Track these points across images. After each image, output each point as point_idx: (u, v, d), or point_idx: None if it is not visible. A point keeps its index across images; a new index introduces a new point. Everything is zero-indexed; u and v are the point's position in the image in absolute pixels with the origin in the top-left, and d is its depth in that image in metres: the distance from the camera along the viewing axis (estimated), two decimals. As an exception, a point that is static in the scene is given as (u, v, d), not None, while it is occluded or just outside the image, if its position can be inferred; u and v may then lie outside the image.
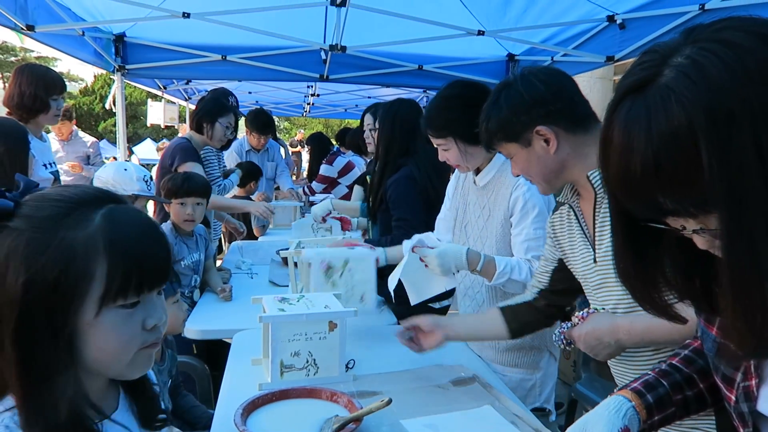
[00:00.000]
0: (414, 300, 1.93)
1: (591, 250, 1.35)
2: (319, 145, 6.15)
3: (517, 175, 1.43)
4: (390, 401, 1.32)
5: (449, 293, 2.44)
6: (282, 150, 6.13)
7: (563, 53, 3.98)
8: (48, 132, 4.25)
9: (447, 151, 1.89)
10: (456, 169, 2.11)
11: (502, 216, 1.85)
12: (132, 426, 0.87)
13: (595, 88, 6.35)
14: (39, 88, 2.61)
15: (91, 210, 0.76)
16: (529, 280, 1.69)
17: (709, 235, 0.64)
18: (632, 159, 0.62)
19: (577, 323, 1.30)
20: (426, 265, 1.80)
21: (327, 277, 1.84)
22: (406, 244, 1.89)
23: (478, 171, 1.95)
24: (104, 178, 2.45)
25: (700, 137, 0.58)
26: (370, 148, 3.34)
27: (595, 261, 1.33)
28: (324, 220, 3.18)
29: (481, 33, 3.66)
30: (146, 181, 2.50)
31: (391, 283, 1.87)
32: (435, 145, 1.95)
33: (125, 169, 2.44)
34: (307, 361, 1.60)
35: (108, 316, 0.76)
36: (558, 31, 3.92)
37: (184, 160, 3.12)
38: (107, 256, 0.74)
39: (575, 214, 1.39)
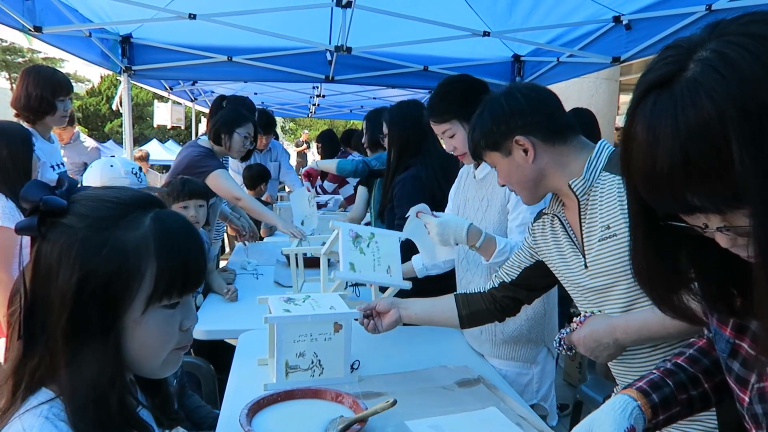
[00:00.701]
0: (425, 259, 2.08)
1: (581, 256, 1.36)
2: (329, 143, 6.10)
3: (502, 185, 1.47)
4: (395, 402, 1.32)
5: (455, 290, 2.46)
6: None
7: (569, 54, 3.96)
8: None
9: (452, 137, 1.94)
10: (459, 171, 2.13)
11: (499, 204, 1.89)
12: (150, 422, 0.89)
13: (601, 89, 6.33)
14: (45, 90, 2.62)
15: (141, 212, 0.79)
16: None
17: (733, 233, 0.64)
18: (658, 154, 0.62)
19: (576, 328, 1.32)
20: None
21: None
22: (412, 209, 1.92)
23: (478, 164, 2.00)
24: (92, 178, 2.37)
25: (731, 130, 0.57)
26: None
27: (586, 267, 1.35)
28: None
29: (486, 34, 3.65)
30: (135, 174, 2.46)
31: (430, 256, 2.03)
32: (440, 135, 1.99)
33: (111, 165, 2.39)
34: (312, 362, 1.61)
35: (152, 316, 0.78)
36: (564, 32, 3.91)
37: (212, 169, 2.94)
38: (156, 258, 0.77)
39: (562, 224, 1.42)
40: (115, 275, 0.75)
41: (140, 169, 2.58)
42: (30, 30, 3.20)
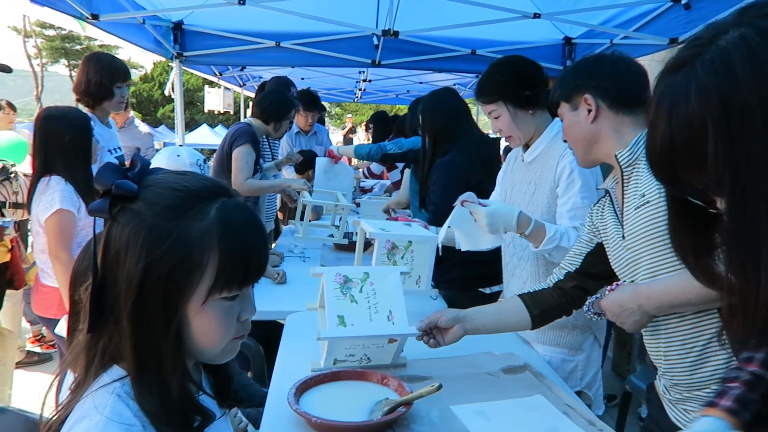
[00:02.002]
0: (465, 247, 1.95)
1: (620, 228, 1.38)
2: (381, 125, 6.08)
3: (565, 141, 1.52)
4: (440, 387, 1.33)
5: (499, 278, 2.44)
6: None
7: (623, 36, 3.83)
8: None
9: (498, 118, 1.93)
10: (507, 155, 2.10)
11: (548, 188, 1.86)
12: (211, 401, 0.92)
13: (656, 71, 6.04)
14: (104, 76, 2.71)
15: (207, 203, 0.79)
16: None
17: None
18: (655, 136, 0.67)
19: (606, 294, 1.36)
20: (475, 220, 1.81)
21: (344, 292, 1.62)
22: (459, 198, 1.87)
23: (527, 147, 1.97)
24: (158, 165, 2.51)
25: (710, 125, 0.60)
26: None
27: (623, 237, 1.36)
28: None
29: (537, 16, 3.56)
30: (199, 165, 2.56)
31: (440, 238, 1.92)
32: (486, 115, 1.97)
33: (178, 155, 2.51)
34: (361, 359, 1.62)
35: (212, 307, 0.80)
36: (618, 13, 3.78)
37: (241, 142, 3.22)
38: (219, 251, 0.78)
39: (611, 198, 1.44)
40: (178, 266, 0.76)
41: (205, 161, 2.67)
42: (87, 18, 3.31)
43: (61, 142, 2.24)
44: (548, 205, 1.86)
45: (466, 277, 2.53)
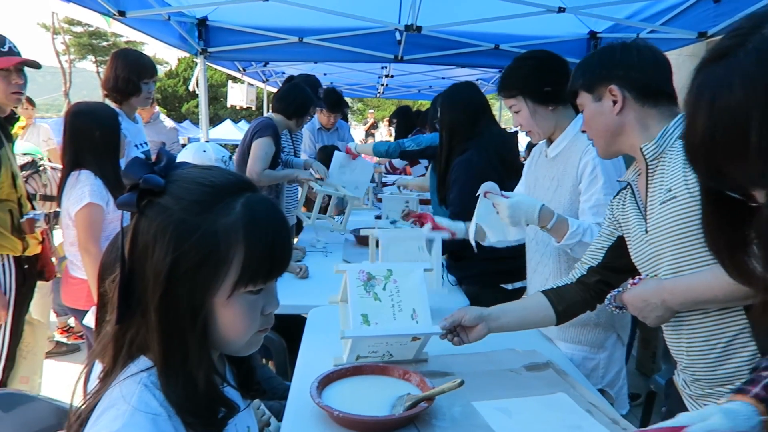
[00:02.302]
0: (493, 238, 1.97)
1: (642, 221, 1.36)
2: (405, 120, 6.05)
3: (583, 131, 1.50)
4: (462, 382, 1.33)
5: (521, 274, 2.43)
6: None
7: (650, 30, 3.76)
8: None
9: (518, 113, 1.93)
10: (532, 150, 2.09)
11: (570, 184, 1.84)
12: (235, 393, 0.93)
13: (684, 66, 5.93)
14: (132, 73, 2.75)
15: (233, 198, 0.80)
16: None
17: None
18: (696, 126, 0.65)
19: (629, 288, 1.34)
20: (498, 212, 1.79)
21: (367, 289, 1.58)
22: (481, 188, 1.86)
23: (550, 142, 1.95)
24: (185, 160, 2.56)
25: (753, 115, 0.59)
26: None
27: (646, 231, 1.35)
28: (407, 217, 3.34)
29: (561, 10, 3.52)
30: (224, 162, 2.60)
31: (470, 234, 1.97)
32: (507, 108, 1.97)
33: (204, 150, 2.54)
34: (383, 355, 1.62)
35: (237, 300, 0.81)
36: (645, 6, 3.71)
37: (262, 135, 3.28)
38: (245, 246, 0.79)
39: (632, 191, 1.42)
40: (205, 260, 0.77)
41: (230, 157, 2.71)
42: (114, 14, 3.36)
43: (90, 137, 2.28)
44: (571, 201, 1.84)
45: (487, 272, 2.52)
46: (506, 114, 4.94)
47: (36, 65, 2.36)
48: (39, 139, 4.78)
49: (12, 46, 2.30)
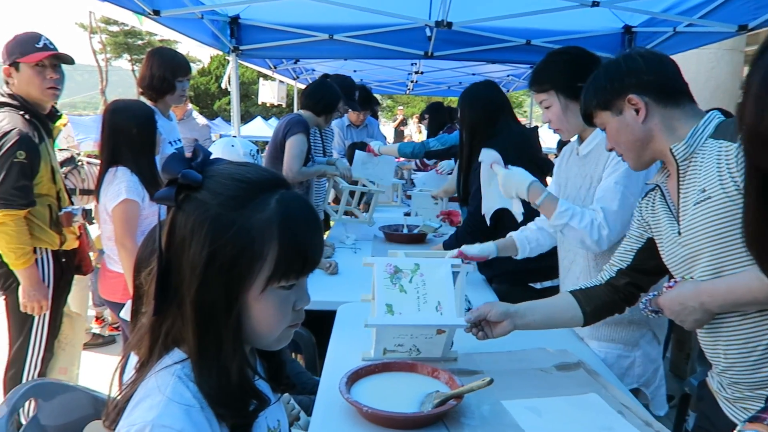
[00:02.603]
0: (484, 208, 2.12)
1: (675, 223, 1.34)
2: (437, 116, 6.00)
3: (610, 149, 1.46)
4: (491, 381, 1.32)
5: (551, 273, 2.41)
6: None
7: (687, 23, 3.66)
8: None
9: (549, 108, 1.91)
10: (563, 149, 2.06)
11: (590, 182, 1.83)
12: (266, 386, 0.94)
13: (723, 60, 5.81)
14: (167, 71, 2.80)
15: (268, 194, 0.81)
16: (591, 231, 1.71)
17: None
18: (766, 109, 0.60)
19: (664, 291, 1.31)
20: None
21: (393, 281, 1.60)
22: (484, 155, 2.02)
23: (582, 140, 1.93)
24: (215, 155, 2.60)
25: None
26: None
27: (679, 233, 1.32)
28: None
29: (595, 4, 3.45)
30: (252, 155, 2.63)
31: (487, 213, 2.09)
32: (537, 103, 1.96)
33: (232, 145, 2.58)
34: (410, 350, 1.62)
35: (270, 295, 0.82)
36: (682, -1, 3.62)
37: (295, 131, 3.32)
38: (278, 242, 0.80)
39: (662, 193, 1.39)
40: (240, 255, 0.79)
41: (258, 151, 2.75)
42: (149, 13, 3.42)
43: (128, 134, 2.33)
44: None
45: (516, 271, 2.51)
46: (537, 111, 4.89)
47: (68, 59, 2.41)
48: (60, 135, 4.84)
49: (47, 43, 2.36)
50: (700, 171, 1.27)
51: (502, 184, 1.84)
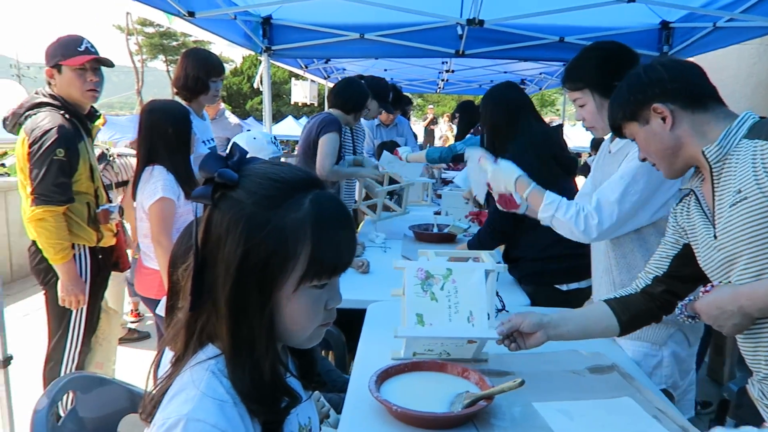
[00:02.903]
0: (475, 191, 2.31)
1: (710, 227, 1.31)
2: (467, 115, 5.96)
3: (643, 160, 1.45)
4: (523, 382, 1.30)
5: (577, 275, 2.38)
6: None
7: (728, 18, 3.56)
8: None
9: (583, 107, 1.89)
10: (601, 146, 2.04)
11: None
12: (297, 384, 0.95)
13: (765, 56, 5.63)
14: (201, 71, 2.85)
15: (302, 194, 0.82)
16: (576, 222, 1.74)
17: None
18: None
19: (701, 296, 1.28)
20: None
21: (424, 288, 1.57)
22: (470, 152, 2.16)
23: (614, 137, 1.89)
24: None
25: None
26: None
27: (715, 237, 1.29)
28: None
29: (631, 0, 3.38)
30: (274, 143, 2.67)
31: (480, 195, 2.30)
32: (572, 102, 1.93)
33: (254, 138, 2.62)
34: (440, 354, 1.62)
35: (302, 294, 0.83)
36: (723, -7, 3.52)
37: (328, 130, 3.35)
38: (311, 242, 0.81)
39: (696, 198, 1.36)
40: (273, 254, 0.80)
41: (275, 137, 2.79)
42: (185, 15, 3.48)
43: (164, 134, 2.38)
44: None
45: (543, 272, 2.49)
46: (570, 108, 4.81)
47: (109, 63, 2.47)
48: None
49: (89, 46, 2.42)
50: (735, 172, 1.24)
51: (490, 178, 1.91)
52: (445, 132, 13.43)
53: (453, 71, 7.39)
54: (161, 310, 2.42)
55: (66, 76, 2.39)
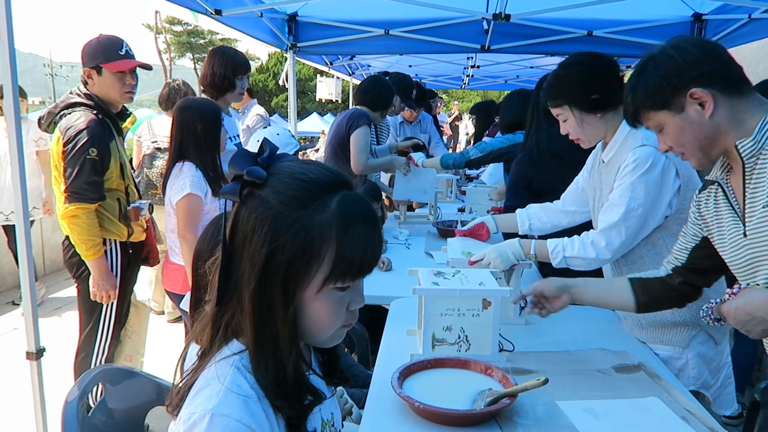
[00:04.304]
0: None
1: (740, 224, 1.26)
2: (484, 115, 5.93)
3: (666, 151, 1.35)
4: (547, 381, 1.29)
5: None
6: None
7: (764, 9, 3.45)
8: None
9: (565, 122, 1.88)
10: (589, 156, 2.06)
11: (609, 191, 1.81)
12: (320, 381, 0.96)
13: (803, 48, 5.46)
14: (228, 69, 2.89)
15: (329, 195, 0.82)
16: (585, 251, 1.76)
17: None
18: None
19: (727, 299, 1.22)
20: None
21: (435, 277, 1.69)
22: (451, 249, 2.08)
23: (604, 147, 1.89)
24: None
25: None
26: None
27: (745, 235, 1.24)
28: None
29: (662, -9, 3.31)
30: (294, 136, 2.72)
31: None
32: (556, 116, 1.92)
33: (277, 134, 2.65)
34: (459, 337, 1.61)
35: (325, 295, 0.83)
36: (758, -17, 3.41)
37: (360, 124, 3.38)
38: (337, 244, 0.81)
39: (724, 191, 1.31)
40: (298, 254, 0.80)
41: (291, 135, 2.82)
42: (212, 13, 3.53)
43: (194, 131, 2.43)
44: None
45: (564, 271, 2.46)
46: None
47: (149, 68, 2.56)
48: (28, 137, 4.20)
49: (128, 50, 2.50)
50: None
51: (499, 262, 1.85)
52: (470, 128, 13.34)
53: (478, 66, 7.33)
54: (185, 305, 2.45)
55: (107, 79, 2.46)
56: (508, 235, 2.21)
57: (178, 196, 2.39)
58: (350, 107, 4.08)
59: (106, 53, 2.44)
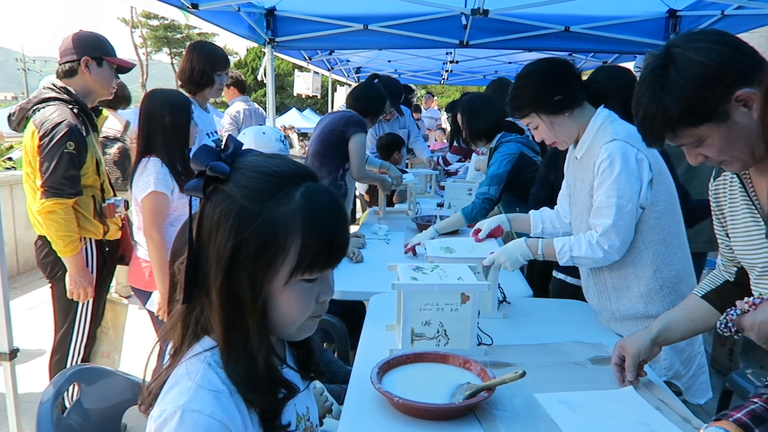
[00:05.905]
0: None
1: (762, 224, 1.20)
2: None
3: (700, 163, 1.21)
4: (524, 373, 1.31)
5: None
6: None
7: (737, 6, 3.51)
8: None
9: (536, 129, 1.90)
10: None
11: (589, 187, 1.82)
12: (295, 375, 0.96)
13: (774, 44, 5.56)
14: (207, 64, 2.86)
15: (293, 187, 0.82)
16: (593, 252, 1.77)
17: None
18: None
19: (747, 310, 1.13)
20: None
21: (414, 272, 1.71)
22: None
23: (576, 142, 1.91)
24: (247, 143, 2.63)
25: None
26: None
27: (767, 236, 1.19)
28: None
29: (637, -12, 3.35)
30: (282, 141, 2.68)
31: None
32: (525, 127, 1.96)
33: (263, 132, 2.62)
34: (438, 332, 1.62)
35: (293, 287, 0.83)
36: (730, -20, 3.47)
37: (359, 131, 3.36)
38: (302, 235, 0.80)
39: (742, 184, 1.24)
40: (263, 247, 0.80)
41: (286, 137, 2.78)
42: (188, 7, 3.48)
43: (161, 123, 2.37)
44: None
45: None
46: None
47: (132, 67, 2.59)
48: None
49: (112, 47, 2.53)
50: None
51: (506, 258, 1.89)
52: (445, 123, 13.35)
53: (457, 62, 7.35)
54: (151, 305, 2.42)
55: (105, 71, 2.46)
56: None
57: (143, 193, 2.33)
58: (329, 102, 4.06)
59: (108, 47, 2.47)
